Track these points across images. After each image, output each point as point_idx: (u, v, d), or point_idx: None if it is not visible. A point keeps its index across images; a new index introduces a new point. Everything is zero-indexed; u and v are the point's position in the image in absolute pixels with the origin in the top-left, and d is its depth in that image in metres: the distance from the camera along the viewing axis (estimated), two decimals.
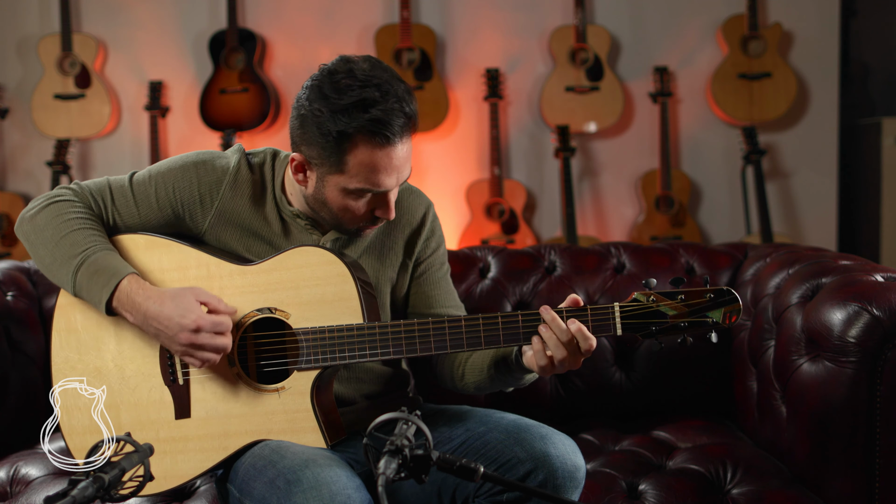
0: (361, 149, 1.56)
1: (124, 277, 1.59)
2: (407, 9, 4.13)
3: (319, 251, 1.63)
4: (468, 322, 1.57)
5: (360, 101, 1.53)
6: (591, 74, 4.19)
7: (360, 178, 1.58)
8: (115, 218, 1.71)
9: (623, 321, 1.54)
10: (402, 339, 1.58)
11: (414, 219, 1.81)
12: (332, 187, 1.61)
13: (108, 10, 4.30)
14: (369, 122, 1.53)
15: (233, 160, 1.72)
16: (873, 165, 4.48)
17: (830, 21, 4.28)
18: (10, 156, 4.40)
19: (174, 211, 1.71)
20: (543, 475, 1.52)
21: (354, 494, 1.46)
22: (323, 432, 1.60)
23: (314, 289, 1.61)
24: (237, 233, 1.72)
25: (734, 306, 1.53)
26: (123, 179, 1.73)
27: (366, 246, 1.77)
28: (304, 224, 1.73)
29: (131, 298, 1.59)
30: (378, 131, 1.54)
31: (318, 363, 1.60)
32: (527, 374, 1.66)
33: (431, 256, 1.83)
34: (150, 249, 1.69)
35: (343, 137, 1.55)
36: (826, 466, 1.82)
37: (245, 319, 1.64)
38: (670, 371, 2.28)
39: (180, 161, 1.73)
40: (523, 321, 1.55)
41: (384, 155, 1.57)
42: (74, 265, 1.61)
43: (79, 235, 1.63)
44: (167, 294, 1.58)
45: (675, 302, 1.54)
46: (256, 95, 4.17)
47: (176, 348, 1.59)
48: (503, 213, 4.18)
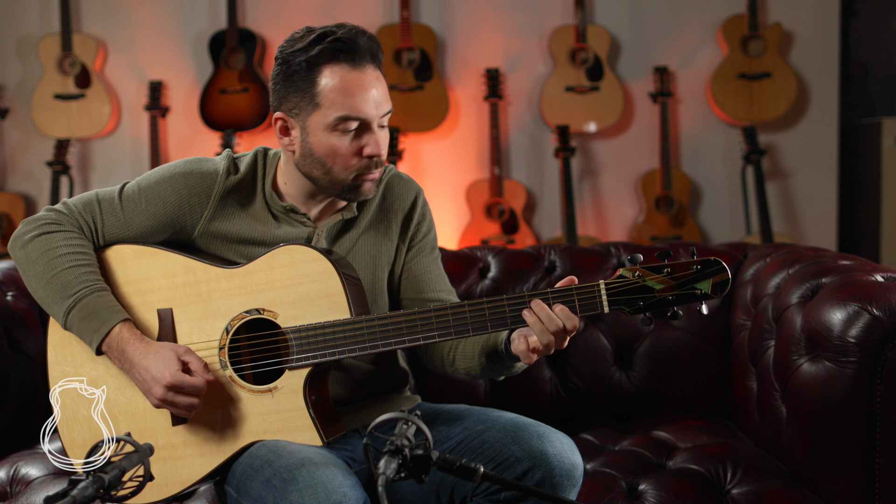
0: (329, 73, 1.60)
1: (115, 325, 1.62)
2: (407, 9, 4.13)
3: (304, 249, 1.63)
4: (454, 310, 1.57)
5: (320, 35, 1.63)
6: (591, 74, 4.19)
7: (335, 106, 1.60)
8: (106, 233, 1.72)
9: (609, 298, 1.52)
10: (390, 331, 1.58)
11: (405, 203, 1.82)
12: (315, 130, 1.63)
13: (108, 10, 4.30)
14: (331, 43, 1.60)
15: (221, 165, 1.72)
16: (873, 165, 4.48)
17: (830, 21, 4.28)
18: (10, 156, 4.40)
19: (165, 222, 1.72)
20: (541, 474, 1.52)
21: (350, 493, 1.46)
22: (318, 429, 1.60)
23: (300, 287, 1.62)
24: (228, 237, 1.72)
25: (722, 276, 1.50)
26: (113, 194, 1.73)
27: (361, 233, 1.77)
28: (297, 218, 1.73)
29: (122, 347, 1.62)
30: (341, 49, 1.60)
31: (309, 360, 1.60)
32: (517, 363, 1.66)
33: (422, 241, 1.84)
34: (138, 259, 1.70)
35: (309, 67, 1.61)
36: (826, 466, 1.82)
37: (234, 322, 1.64)
38: (670, 371, 2.28)
39: (168, 172, 1.73)
40: (509, 306, 1.55)
41: (354, 77, 1.61)
42: (66, 306, 1.64)
43: (70, 275, 1.64)
44: (152, 348, 1.62)
45: (662, 276, 1.51)
46: (256, 95, 4.17)
47: (150, 399, 1.63)
48: (503, 213, 4.18)
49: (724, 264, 1.51)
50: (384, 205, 1.80)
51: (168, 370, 1.58)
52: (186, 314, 1.66)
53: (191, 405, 1.60)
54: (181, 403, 1.60)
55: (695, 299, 1.52)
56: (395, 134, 4.02)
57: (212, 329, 1.65)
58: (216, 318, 1.65)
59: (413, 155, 4.26)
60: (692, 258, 1.53)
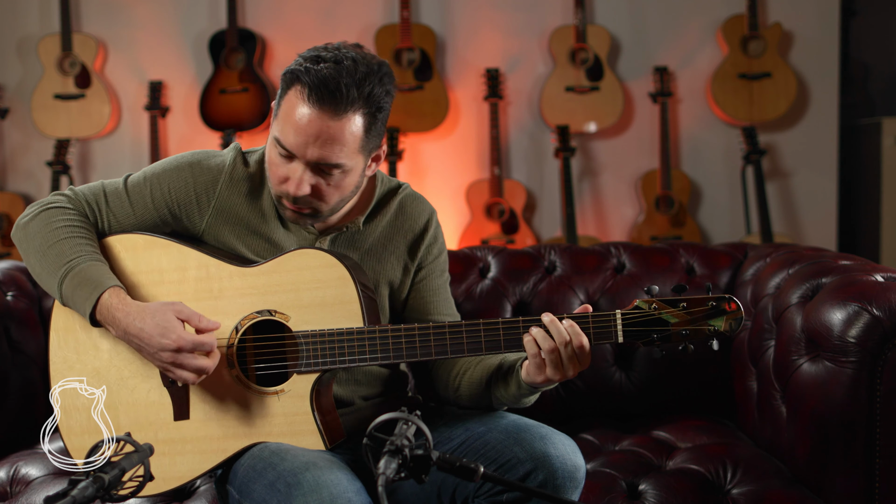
0: (293, 96, 1.57)
1: (105, 290, 1.58)
2: (407, 9, 4.13)
3: (320, 254, 1.62)
4: (469, 327, 1.57)
5: (315, 56, 1.56)
6: (591, 74, 4.19)
7: (280, 126, 1.59)
8: (111, 220, 1.71)
9: (625, 328, 1.54)
10: (403, 344, 1.58)
11: (417, 224, 1.80)
12: (270, 135, 1.63)
13: (108, 10, 4.30)
14: (307, 71, 1.54)
15: (228, 157, 1.72)
16: (873, 165, 4.48)
17: (830, 21, 4.28)
18: (10, 156, 4.40)
19: (170, 211, 1.71)
20: (543, 475, 1.52)
21: (355, 498, 1.45)
22: (322, 435, 1.60)
23: (315, 292, 1.61)
24: (235, 230, 1.71)
25: (736, 314, 1.54)
26: (118, 182, 1.73)
27: (366, 249, 1.76)
28: None
29: (112, 313, 1.58)
30: (309, 84, 1.53)
31: (318, 366, 1.59)
32: (524, 398, 1.65)
33: (432, 263, 1.82)
34: (150, 249, 1.69)
35: (286, 80, 1.59)
36: (826, 466, 1.82)
37: (244, 322, 1.64)
38: (670, 371, 2.28)
39: (175, 161, 1.73)
40: (524, 327, 1.55)
41: (305, 114, 1.54)
42: (60, 275, 1.60)
43: (66, 245, 1.62)
44: (147, 310, 1.57)
45: (677, 310, 1.54)
46: (256, 95, 4.17)
47: (157, 364, 1.59)
48: (503, 213, 4.18)
49: (739, 302, 1.53)
50: (395, 223, 1.78)
51: (173, 332, 1.54)
52: (196, 309, 1.64)
53: (200, 367, 1.56)
54: (191, 365, 1.56)
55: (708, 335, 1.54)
56: (395, 134, 4.02)
57: (221, 326, 1.64)
58: (226, 316, 1.64)
59: (413, 155, 4.26)
60: (707, 293, 1.55)
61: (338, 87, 1.52)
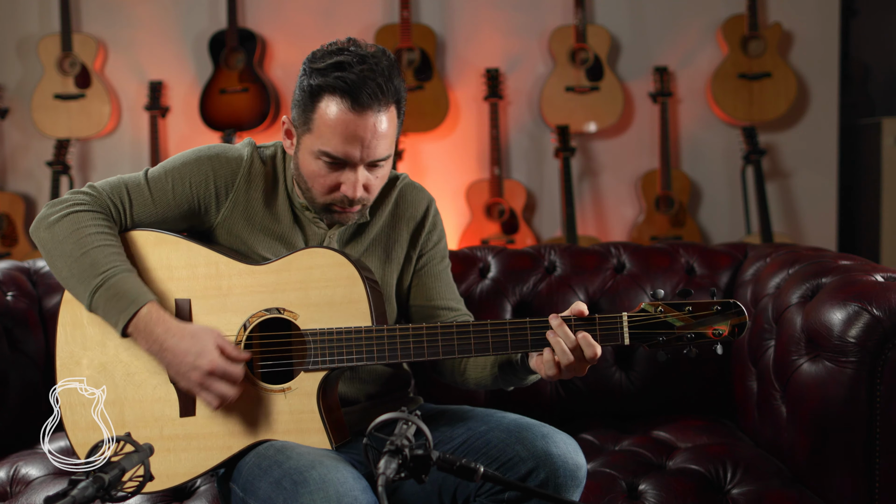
0: (328, 108, 1.58)
1: (144, 305, 1.60)
2: (407, 9, 4.13)
3: (329, 253, 1.63)
4: (476, 327, 1.58)
5: (337, 63, 1.58)
6: (591, 74, 4.19)
7: (322, 139, 1.60)
8: (133, 216, 1.71)
9: (631, 331, 1.55)
10: (411, 343, 1.59)
11: (417, 212, 1.83)
12: (304, 150, 1.64)
13: (108, 10, 4.30)
14: (338, 79, 1.56)
15: (245, 153, 1.74)
16: (873, 165, 4.48)
17: (830, 21, 4.28)
18: (10, 156, 4.40)
19: (190, 205, 1.71)
20: (545, 474, 1.52)
21: (361, 496, 1.46)
22: (328, 434, 1.60)
23: (323, 290, 1.62)
24: (249, 226, 1.72)
25: (741, 319, 1.55)
26: (139, 177, 1.73)
27: (372, 239, 1.78)
28: (311, 216, 1.73)
29: (150, 327, 1.59)
30: (346, 91, 1.56)
31: (326, 365, 1.60)
32: (531, 375, 1.67)
33: (433, 249, 1.84)
34: (160, 246, 1.69)
35: (314, 93, 1.59)
36: (826, 466, 1.82)
37: (253, 319, 1.64)
38: (670, 371, 2.28)
39: (194, 155, 1.74)
40: (531, 328, 1.56)
41: (350, 121, 1.58)
42: (94, 285, 1.61)
43: (99, 254, 1.62)
44: (188, 329, 1.60)
45: (682, 313, 1.55)
46: (256, 95, 4.17)
47: (182, 383, 1.61)
48: (503, 213, 4.18)
49: (743, 307, 1.55)
50: (396, 212, 1.81)
51: (209, 355, 1.57)
52: (204, 307, 1.65)
53: (224, 394, 1.59)
54: (217, 390, 1.58)
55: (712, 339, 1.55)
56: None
57: (229, 324, 1.64)
58: (234, 314, 1.65)
59: (413, 155, 4.26)
60: (712, 298, 1.57)
61: (376, 86, 1.57)
